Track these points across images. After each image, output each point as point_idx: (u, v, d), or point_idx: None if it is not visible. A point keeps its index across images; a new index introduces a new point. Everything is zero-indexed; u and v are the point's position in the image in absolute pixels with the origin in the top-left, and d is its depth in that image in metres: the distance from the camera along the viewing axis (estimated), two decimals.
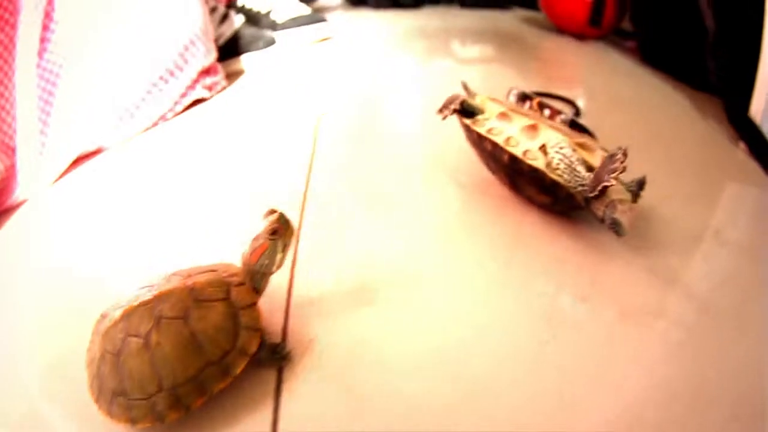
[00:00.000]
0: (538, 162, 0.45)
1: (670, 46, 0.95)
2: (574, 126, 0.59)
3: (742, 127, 0.70)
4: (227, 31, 0.89)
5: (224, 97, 0.81)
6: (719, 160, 0.66)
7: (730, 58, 0.76)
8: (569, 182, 0.43)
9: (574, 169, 0.43)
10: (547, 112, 0.63)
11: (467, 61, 1.07)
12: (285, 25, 1.05)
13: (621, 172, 0.39)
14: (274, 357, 0.35)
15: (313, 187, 0.58)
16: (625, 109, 0.81)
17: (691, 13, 0.84)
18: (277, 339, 0.37)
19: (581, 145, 0.47)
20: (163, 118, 0.68)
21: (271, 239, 0.33)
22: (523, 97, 0.65)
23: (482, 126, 0.50)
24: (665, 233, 0.49)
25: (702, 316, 0.40)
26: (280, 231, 0.34)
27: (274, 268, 0.35)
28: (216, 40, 0.83)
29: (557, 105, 0.77)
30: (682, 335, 0.38)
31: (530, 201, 0.53)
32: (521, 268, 0.45)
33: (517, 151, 0.46)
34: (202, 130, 0.72)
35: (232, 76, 0.89)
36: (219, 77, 0.79)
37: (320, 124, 0.73)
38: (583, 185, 0.42)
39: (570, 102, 0.79)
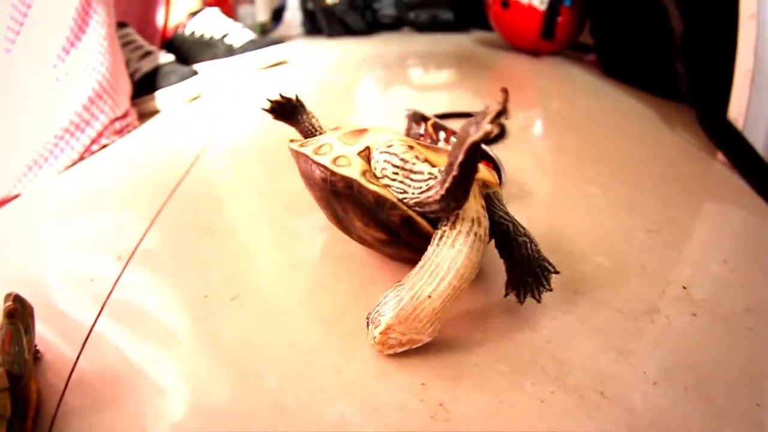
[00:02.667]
0: (351, 169, 0.31)
1: (632, 54, 0.87)
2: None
3: (718, 135, 0.60)
4: (145, 66, 0.83)
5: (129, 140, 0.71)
6: (697, 176, 0.55)
7: (701, 59, 0.68)
8: (403, 190, 0.30)
9: (410, 170, 0.30)
10: (442, 134, 0.53)
11: (422, 87, 0.98)
12: (245, 48, 1.04)
13: (500, 117, 0.23)
14: None
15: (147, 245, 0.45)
16: (587, 126, 0.72)
17: (655, 18, 0.78)
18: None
19: (435, 152, 0.32)
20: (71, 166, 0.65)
21: (11, 324, 0.27)
22: (420, 119, 0.56)
23: (306, 146, 0.35)
24: (643, 272, 0.38)
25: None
26: (18, 312, 0.28)
27: (27, 354, 0.28)
28: (132, 75, 0.80)
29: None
30: None
31: (370, 246, 0.37)
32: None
33: (326, 160, 0.32)
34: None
35: (147, 115, 0.80)
36: (130, 119, 0.74)
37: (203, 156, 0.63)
38: (427, 182, 0.29)
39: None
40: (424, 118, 0.56)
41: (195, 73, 0.86)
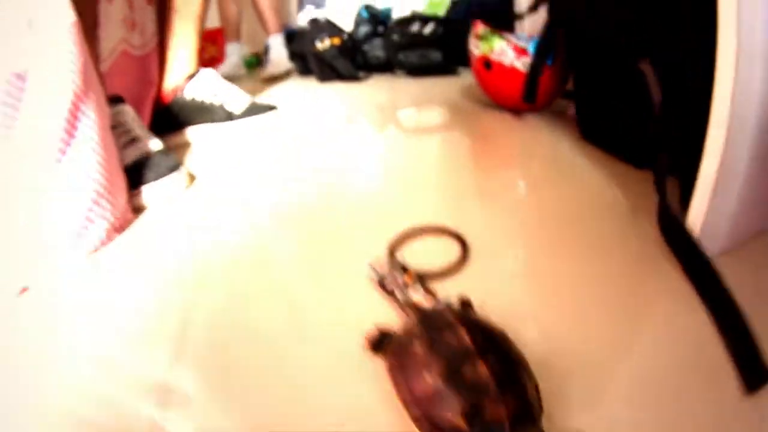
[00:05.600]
0: None
1: (610, 121, 0.85)
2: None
3: (675, 239, 0.57)
4: (129, 157, 0.77)
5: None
6: (649, 278, 0.54)
7: (679, 135, 0.64)
8: None
9: None
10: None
11: (407, 143, 1.02)
12: (243, 114, 1.11)
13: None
14: None
15: None
16: (557, 191, 0.74)
17: (633, 85, 0.74)
18: None
19: None
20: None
21: None
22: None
23: None
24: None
25: None
26: None
27: None
28: None
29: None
30: None
31: None
32: None
33: None
34: None
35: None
36: (125, 212, 0.72)
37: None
38: None
39: (458, 237, 0.60)
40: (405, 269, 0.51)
41: (179, 165, 0.81)
